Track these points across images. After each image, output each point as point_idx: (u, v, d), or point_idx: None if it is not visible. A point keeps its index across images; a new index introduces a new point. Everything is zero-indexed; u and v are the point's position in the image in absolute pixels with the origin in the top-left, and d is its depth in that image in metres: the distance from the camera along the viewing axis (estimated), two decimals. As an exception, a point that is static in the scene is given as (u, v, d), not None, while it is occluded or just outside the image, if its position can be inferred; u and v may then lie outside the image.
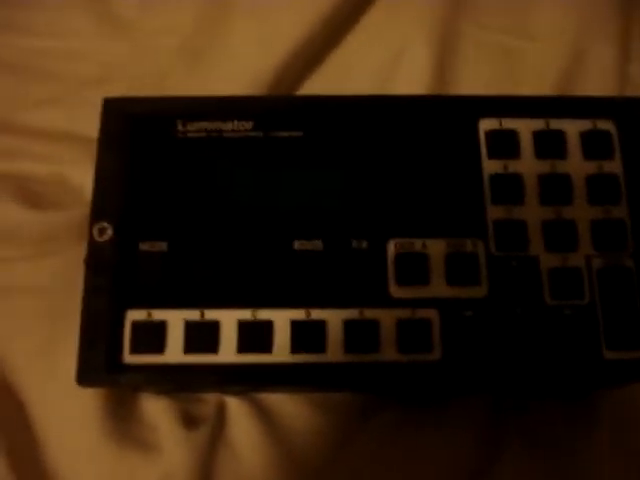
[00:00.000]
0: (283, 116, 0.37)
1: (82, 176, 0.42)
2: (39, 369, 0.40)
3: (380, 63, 0.49)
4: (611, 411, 0.39)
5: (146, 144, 0.37)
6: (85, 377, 0.34)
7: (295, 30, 0.47)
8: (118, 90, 0.39)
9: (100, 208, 0.36)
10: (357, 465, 0.38)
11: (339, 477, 0.38)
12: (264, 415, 0.39)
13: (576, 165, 0.36)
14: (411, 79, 0.47)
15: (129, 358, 0.34)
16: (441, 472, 0.38)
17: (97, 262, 0.35)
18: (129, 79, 0.47)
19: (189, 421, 0.39)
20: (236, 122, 0.37)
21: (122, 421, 0.39)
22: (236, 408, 0.39)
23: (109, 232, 0.35)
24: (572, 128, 0.37)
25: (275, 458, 0.38)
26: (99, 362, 0.34)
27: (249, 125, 0.37)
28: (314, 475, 0.38)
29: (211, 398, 0.40)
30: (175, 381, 0.34)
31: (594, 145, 0.37)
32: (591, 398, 0.39)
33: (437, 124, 0.37)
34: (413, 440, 0.39)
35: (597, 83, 0.47)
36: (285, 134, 0.37)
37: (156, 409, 0.39)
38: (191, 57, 0.48)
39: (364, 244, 0.35)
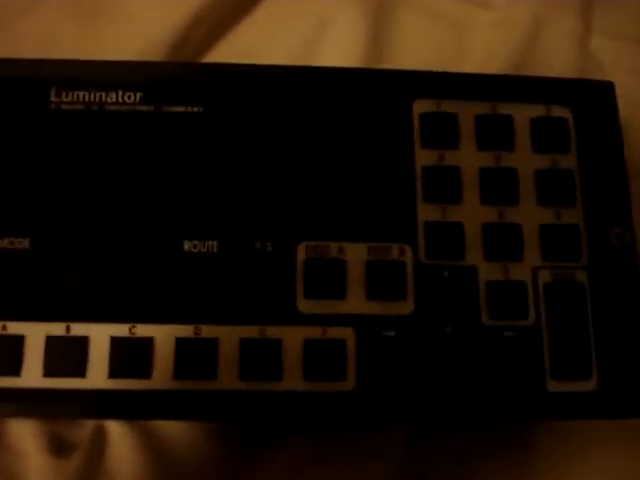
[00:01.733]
0: (180, 87, 0.32)
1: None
2: None
3: (304, 30, 0.42)
4: (547, 439, 0.35)
5: (10, 116, 0.31)
6: None
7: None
8: (2, 49, 0.34)
9: (-54, 195, 0.30)
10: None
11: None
12: (149, 442, 0.33)
13: (525, 158, 0.32)
14: (340, 50, 0.41)
15: (-24, 381, 0.28)
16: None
17: (-61, 261, 0.29)
18: (14, 37, 0.41)
19: (61, 447, 0.33)
20: (121, 93, 0.32)
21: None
22: (117, 433, 0.33)
23: (-44, 225, 0.29)
24: (522, 114, 0.32)
25: (161, 492, 0.32)
26: (-62, 385, 0.28)
27: (137, 97, 0.32)
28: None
29: (89, 421, 0.34)
30: (33, 411, 0.29)
31: (547, 135, 0.32)
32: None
33: (364, 104, 0.32)
34: (322, 473, 0.34)
35: (556, 59, 0.42)
36: (181, 109, 0.32)
37: (22, 433, 0.33)
38: (84, 14, 0.42)
39: (269, 247, 0.30)
